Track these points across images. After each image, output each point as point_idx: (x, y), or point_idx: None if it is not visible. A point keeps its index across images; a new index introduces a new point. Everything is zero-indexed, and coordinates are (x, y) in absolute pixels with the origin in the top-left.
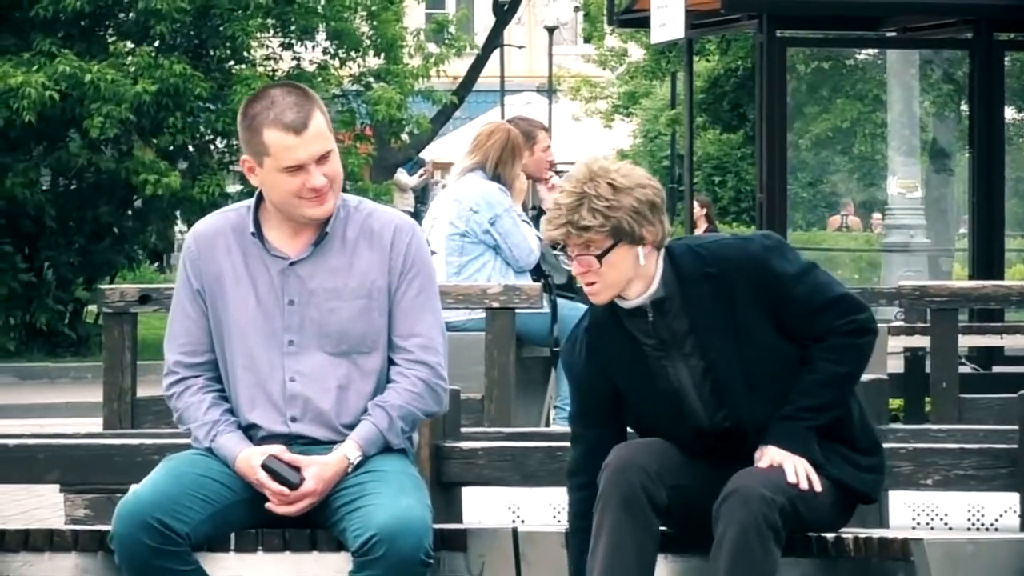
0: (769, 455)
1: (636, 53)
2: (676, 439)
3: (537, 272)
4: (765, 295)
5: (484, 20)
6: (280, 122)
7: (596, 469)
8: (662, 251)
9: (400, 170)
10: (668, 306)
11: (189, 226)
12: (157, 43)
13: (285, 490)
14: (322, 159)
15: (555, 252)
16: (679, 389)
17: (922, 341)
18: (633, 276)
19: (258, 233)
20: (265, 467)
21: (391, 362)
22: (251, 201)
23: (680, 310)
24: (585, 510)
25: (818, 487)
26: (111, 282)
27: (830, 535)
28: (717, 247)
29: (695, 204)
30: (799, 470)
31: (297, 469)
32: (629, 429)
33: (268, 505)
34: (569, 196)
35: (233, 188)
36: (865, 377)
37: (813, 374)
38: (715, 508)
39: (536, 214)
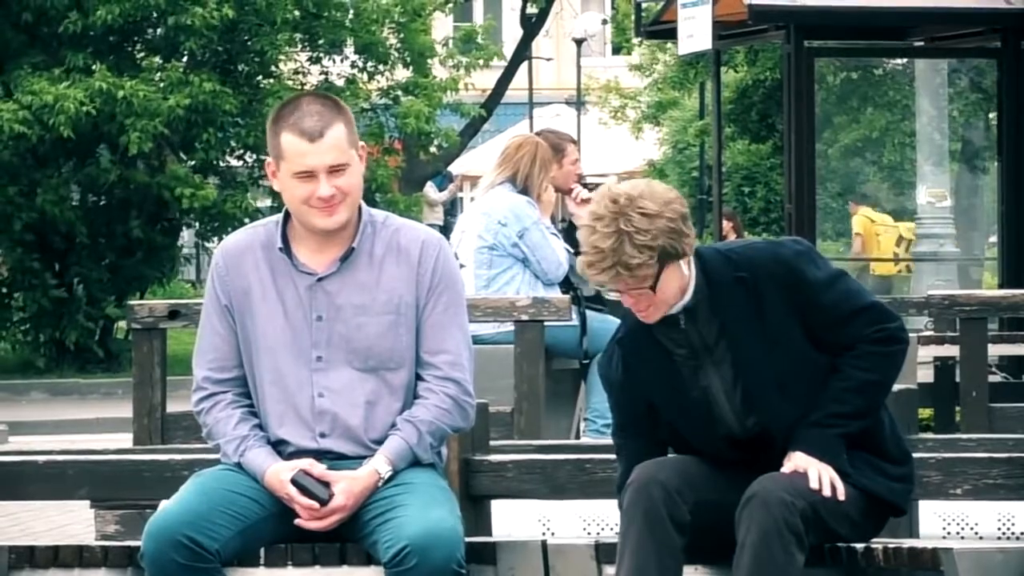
0: (795, 461)
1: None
2: (708, 447)
3: (566, 284)
4: (795, 300)
5: (512, 32)
6: (297, 127)
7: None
8: (692, 258)
9: (429, 184)
10: (699, 312)
11: (219, 240)
12: (186, 58)
13: (315, 504)
14: (335, 171)
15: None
16: (710, 396)
17: (952, 350)
18: (682, 287)
19: (286, 248)
20: (295, 482)
21: (419, 378)
22: (279, 216)
23: (710, 315)
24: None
25: (841, 495)
26: (141, 298)
27: (859, 545)
28: (747, 251)
29: (723, 220)
30: (823, 477)
31: (327, 484)
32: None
33: (298, 521)
34: (607, 237)
35: (263, 203)
36: (895, 387)
37: (842, 381)
38: (737, 513)
39: (566, 226)
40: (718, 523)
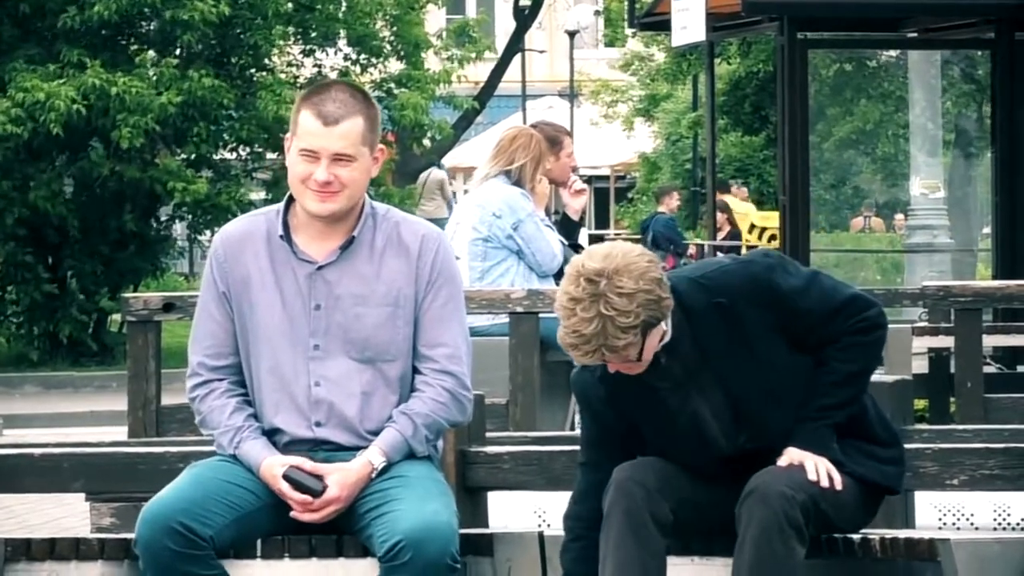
0: (789, 455)
1: (658, 57)
2: (700, 468)
3: (560, 276)
4: (775, 314)
5: (505, 25)
6: (317, 108)
7: (598, 499)
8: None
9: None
10: (680, 344)
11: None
12: (178, 52)
13: (308, 498)
14: (339, 159)
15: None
16: (699, 421)
17: (946, 341)
18: (663, 339)
19: (286, 236)
20: (287, 477)
21: (416, 371)
22: (280, 205)
23: (691, 345)
24: (579, 535)
25: (839, 485)
26: (135, 291)
27: (856, 536)
28: (720, 276)
29: (717, 212)
30: (820, 468)
31: (319, 478)
32: None
33: (293, 514)
34: (588, 323)
35: (257, 196)
36: (890, 378)
37: (828, 375)
38: (737, 508)
39: (560, 218)
40: (701, 521)
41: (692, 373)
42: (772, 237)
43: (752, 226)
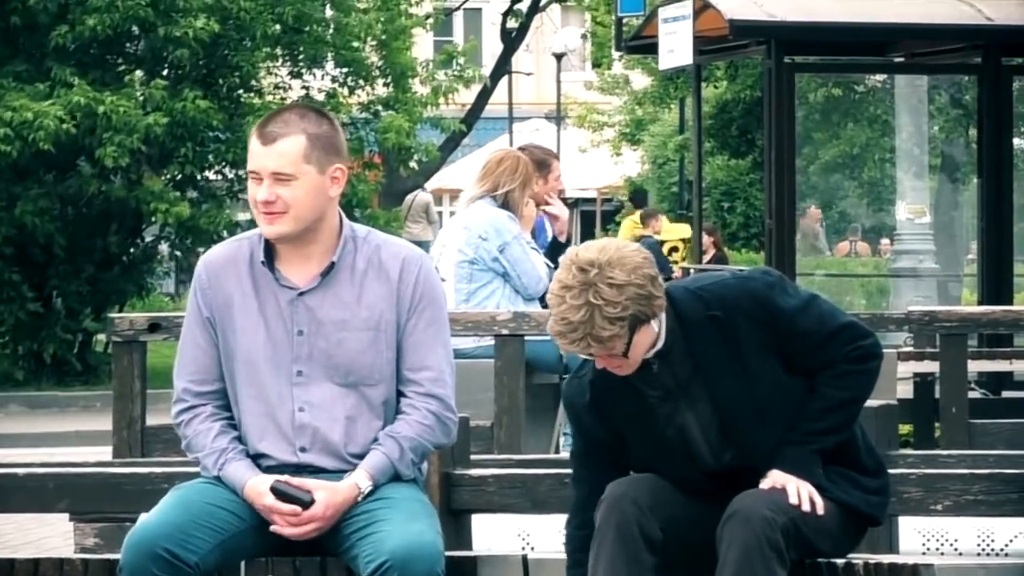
0: (772, 478)
1: (640, 81)
2: (685, 482)
3: (546, 299)
4: (770, 332)
5: (492, 47)
6: (260, 130)
7: (591, 512)
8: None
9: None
10: (672, 353)
11: (197, 254)
12: (167, 71)
13: (298, 509)
14: (279, 179)
15: None
16: (686, 435)
17: (931, 366)
18: (653, 343)
19: (268, 262)
20: (275, 490)
21: (401, 394)
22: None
23: (684, 355)
24: (585, 546)
25: (820, 510)
26: (120, 311)
27: (840, 561)
28: (719, 288)
29: (703, 234)
30: (801, 492)
31: (307, 491)
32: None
33: (274, 528)
34: (576, 310)
35: (243, 216)
36: (874, 402)
37: (819, 401)
38: (718, 530)
39: (551, 242)
40: (690, 541)
41: (683, 384)
42: (673, 249)
43: (661, 242)
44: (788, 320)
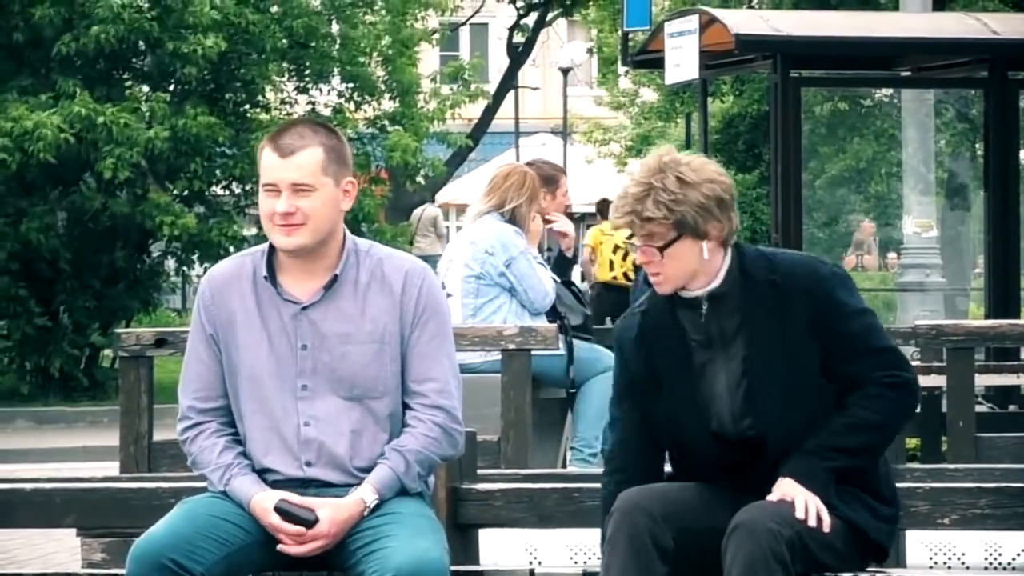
0: (782, 487)
1: (648, 95)
2: (697, 443)
3: (553, 314)
4: (821, 319)
5: (498, 62)
6: (275, 143)
7: (631, 456)
8: (730, 248)
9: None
10: (724, 302)
11: (203, 268)
12: (173, 87)
13: (302, 530)
14: (298, 190)
15: (572, 291)
16: (713, 390)
17: (938, 380)
18: (697, 270)
19: (271, 277)
20: (279, 510)
21: (407, 407)
22: (265, 246)
23: (735, 309)
24: (613, 494)
25: (827, 527)
26: (127, 326)
27: (848, 575)
28: (787, 258)
29: None
30: (809, 506)
31: (311, 510)
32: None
33: (281, 547)
34: (637, 186)
35: (249, 232)
36: None
37: (845, 417)
38: (723, 542)
39: (556, 256)
40: (702, 550)
41: (725, 337)
42: (627, 254)
43: (616, 247)
44: (841, 315)
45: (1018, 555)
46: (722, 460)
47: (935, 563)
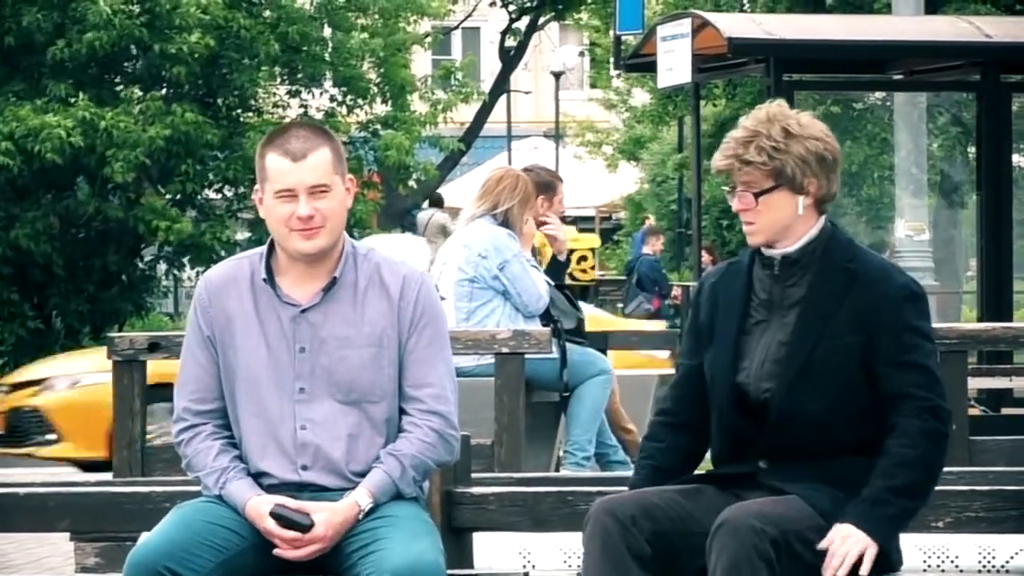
0: (836, 530)
1: (640, 97)
2: (722, 394)
3: (546, 317)
4: (875, 320)
5: (490, 65)
6: (282, 147)
7: (680, 401)
8: (823, 217)
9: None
10: (795, 271)
11: (196, 273)
12: (165, 90)
13: (297, 535)
14: (316, 192)
15: (564, 296)
16: (754, 347)
17: None
18: (790, 224)
19: (269, 280)
20: (274, 515)
21: (403, 412)
22: (263, 248)
23: (803, 281)
24: (655, 434)
25: (864, 572)
26: (119, 330)
27: None
28: (872, 257)
29: (702, 252)
30: (850, 554)
31: (306, 515)
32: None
33: (277, 551)
34: (743, 132)
35: (242, 236)
36: None
37: (887, 458)
38: (708, 542)
39: (550, 261)
40: (686, 553)
41: (785, 306)
42: (582, 258)
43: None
44: (896, 321)
45: (1012, 558)
46: (736, 425)
47: (928, 566)
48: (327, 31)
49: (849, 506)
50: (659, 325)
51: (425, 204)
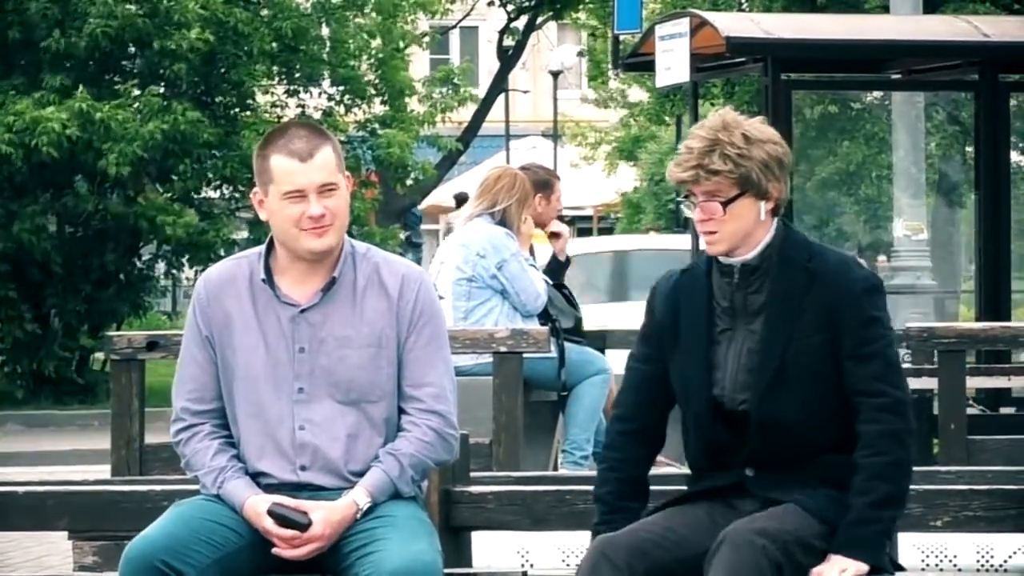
0: (832, 562)
1: (636, 95)
2: (698, 406)
3: (544, 316)
4: (838, 316)
5: (489, 64)
6: (287, 148)
7: (637, 408)
8: (776, 221)
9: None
10: (756, 277)
11: (198, 273)
12: (163, 87)
13: (296, 533)
14: (324, 191)
15: (562, 295)
16: (724, 358)
17: (930, 383)
18: (752, 231)
19: (268, 280)
20: (272, 513)
21: (402, 411)
22: (262, 248)
23: (764, 286)
24: (615, 443)
25: None
26: (117, 329)
27: None
28: (830, 254)
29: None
30: None
31: (304, 513)
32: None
33: (275, 550)
34: (702, 141)
35: (240, 235)
36: None
37: (858, 473)
38: (706, 562)
39: (550, 260)
40: None
41: (748, 312)
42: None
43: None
44: (857, 315)
45: (1010, 557)
46: (715, 435)
47: (927, 565)
48: (325, 30)
49: (837, 534)
50: None
51: (453, 203)
